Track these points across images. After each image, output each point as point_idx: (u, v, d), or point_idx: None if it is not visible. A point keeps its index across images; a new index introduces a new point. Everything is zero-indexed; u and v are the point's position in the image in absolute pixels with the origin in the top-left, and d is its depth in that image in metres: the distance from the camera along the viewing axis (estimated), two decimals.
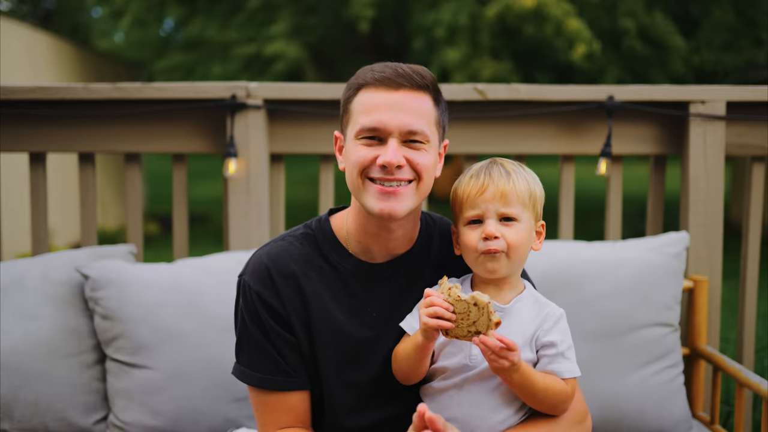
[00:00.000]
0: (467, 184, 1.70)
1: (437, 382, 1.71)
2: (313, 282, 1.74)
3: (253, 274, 1.74)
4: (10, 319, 2.33)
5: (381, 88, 1.63)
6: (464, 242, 1.70)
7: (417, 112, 1.64)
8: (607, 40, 9.60)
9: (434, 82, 1.69)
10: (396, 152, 1.61)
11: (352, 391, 1.76)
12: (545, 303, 1.73)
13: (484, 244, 1.65)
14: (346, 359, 1.75)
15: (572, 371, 1.67)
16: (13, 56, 8.22)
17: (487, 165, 1.72)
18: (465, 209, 1.69)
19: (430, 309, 1.55)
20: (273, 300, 1.72)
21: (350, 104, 1.68)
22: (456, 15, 9.18)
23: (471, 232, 1.68)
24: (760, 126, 2.73)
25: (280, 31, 10.21)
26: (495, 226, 1.66)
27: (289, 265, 1.74)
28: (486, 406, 1.67)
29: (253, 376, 1.73)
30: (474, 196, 1.67)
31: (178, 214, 2.83)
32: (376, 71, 1.65)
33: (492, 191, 1.66)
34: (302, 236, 1.79)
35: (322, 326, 1.73)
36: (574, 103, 2.74)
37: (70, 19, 18.05)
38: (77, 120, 2.74)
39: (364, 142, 1.64)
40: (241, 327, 1.75)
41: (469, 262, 1.72)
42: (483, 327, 1.53)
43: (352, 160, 1.66)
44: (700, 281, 2.60)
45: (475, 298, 1.52)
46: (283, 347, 1.72)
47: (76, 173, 5.33)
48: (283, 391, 1.73)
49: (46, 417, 2.30)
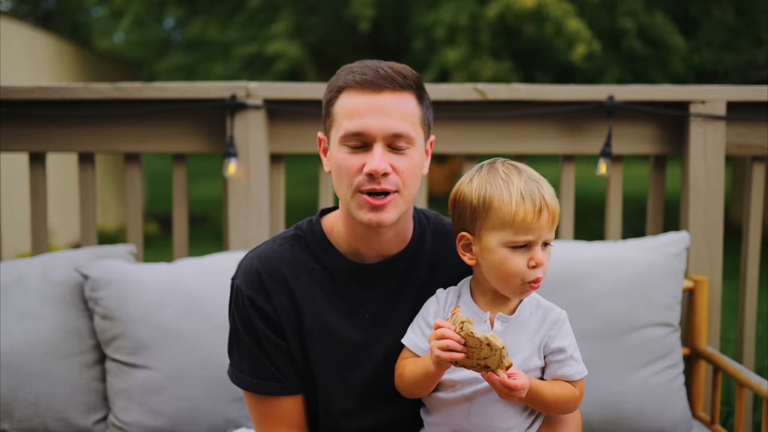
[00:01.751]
0: (520, 206, 1.58)
1: (445, 393, 1.68)
2: (304, 284, 1.73)
3: (244, 278, 1.73)
4: (10, 319, 2.33)
5: (363, 91, 1.60)
6: (507, 266, 1.60)
7: (401, 115, 1.61)
8: (607, 40, 9.60)
9: (417, 79, 1.66)
10: (381, 159, 1.58)
11: (348, 394, 1.75)
12: (548, 307, 1.71)
13: (532, 272, 1.59)
14: (340, 361, 1.74)
15: (581, 372, 1.67)
16: (13, 56, 8.22)
17: (534, 183, 1.62)
18: (517, 233, 1.59)
19: (441, 342, 1.50)
20: (264, 304, 1.71)
21: (332, 107, 1.65)
22: (456, 15, 9.18)
23: (515, 256, 1.60)
24: (760, 126, 2.73)
25: (281, 30, 10.21)
26: (542, 252, 1.61)
27: (280, 268, 1.72)
28: (497, 416, 1.65)
29: (243, 380, 1.73)
30: (531, 222, 1.58)
31: (178, 214, 2.83)
32: (357, 73, 1.62)
33: (546, 216, 1.59)
34: (293, 238, 1.77)
35: (314, 329, 1.72)
36: (574, 103, 2.74)
37: (70, 19, 18.04)
38: (77, 120, 2.74)
39: (348, 150, 1.62)
40: (233, 330, 1.75)
41: (500, 284, 1.64)
42: (493, 365, 1.49)
43: (338, 168, 1.63)
44: (700, 281, 2.60)
45: (488, 339, 1.47)
46: (273, 352, 1.71)
47: (76, 173, 5.32)
48: (274, 396, 1.73)
49: (46, 417, 2.30)
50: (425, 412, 1.76)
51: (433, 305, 1.72)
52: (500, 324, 1.66)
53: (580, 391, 1.68)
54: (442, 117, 2.69)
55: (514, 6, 8.61)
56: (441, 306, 1.72)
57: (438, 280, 1.78)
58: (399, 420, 1.79)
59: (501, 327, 1.65)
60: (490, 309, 1.67)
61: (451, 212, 1.73)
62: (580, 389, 1.68)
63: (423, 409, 1.77)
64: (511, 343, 1.60)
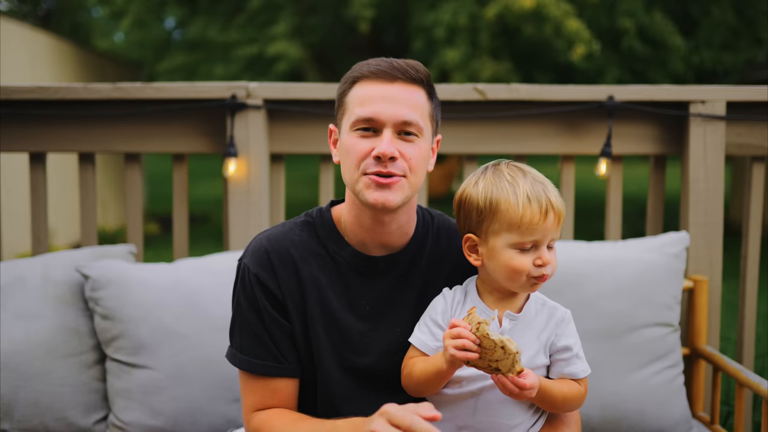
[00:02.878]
0: (527, 208, 1.59)
1: (450, 389, 1.68)
2: (311, 268, 1.75)
3: (252, 257, 1.75)
4: (10, 319, 2.33)
5: (376, 81, 1.66)
6: (512, 265, 1.61)
7: (411, 104, 1.66)
8: (607, 40, 9.61)
9: (428, 76, 1.71)
10: (390, 144, 1.63)
11: (347, 379, 1.76)
12: (553, 306, 1.72)
13: (537, 270, 1.61)
14: (340, 346, 1.75)
15: (586, 370, 1.69)
16: (13, 56, 8.22)
17: (540, 186, 1.63)
18: (524, 234, 1.60)
19: (457, 341, 1.51)
20: (270, 283, 1.73)
21: (345, 97, 1.70)
22: (456, 15, 9.19)
23: (520, 256, 1.62)
24: (760, 126, 2.73)
25: (282, 31, 10.22)
26: (548, 252, 1.63)
27: (289, 249, 1.75)
28: (502, 413, 1.66)
29: (243, 360, 1.74)
30: (537, 223, 1.60)
31: (178, 214, 2.83)
32: (372, 64, 1.68)
33: (552, 218, 1.61)
34: (303, 224, 1.81)
35: (318, 312, 1.74)
36: (574, 103, 2.74)
37: (70, 19, 18.04)
38: (77, 120, 2.74)
39: (360, 133, 1.66)
40: (236, 310, 1.76)
41: (507, 282, 1.65)
42: (504, 368, 1.50)
43: (347, 152, 1.67)
44: (700, 281, 2.60)
45: (504, 342, 1.47)
46: (276, 332, 1.73)
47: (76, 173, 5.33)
48: (272, 377, 1.74)
49: (46, 417, 2.30)
50: None
51: (441, 304, 1.73)
52: (508, 322, 1.66)
53: (585, 388, 1.70)
54: (442, 117, 2.69)
55: (513, 6, 8.61)
56: (449, 304, 1.72)
57: (441, 277, 1.80)
58: None
59: (509, 325, 1.66)
60: (497, 307, 1.68)
61: (456, 214, 1.74)
62: (585, 387, 1.70)
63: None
64: (519, 342, 1.61)
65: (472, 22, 9.28)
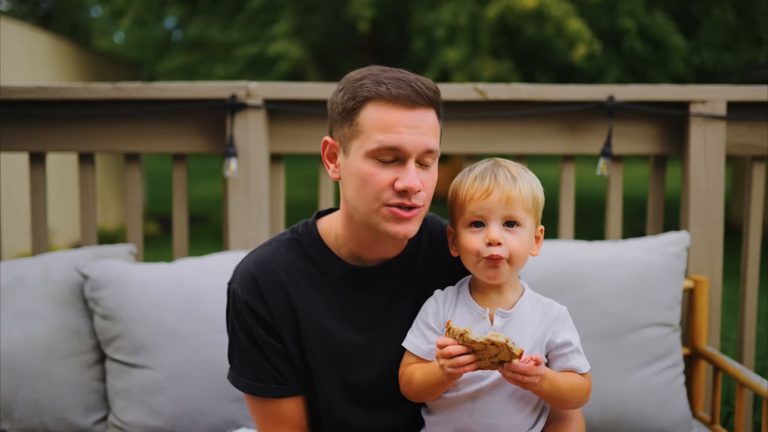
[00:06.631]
0: (471, 186, 1.65)
1: (448, 392, 1.68)
2: (301, 288, 1.72)
3: (240, 283, 1.73)
4: (10, 319, 2.33)
5: (397, 105, 1.57)
6: (465, 245, 1.65)
7: (430, 130, 1.61)
8: (608, 40, 9.61)
9: (438, 93, 1.65)
10: (416, 177, 1.58)
11: (349, 396, 1.75)
12: (548, 303, 1.72)
13: (487, 249, 1.62)
14: (339, 364, 1.74)
15: (587, 365, 1.69)
16: (13, 56, 8.22)
17: (491, 167, 1.68)
18: (467, 211, 1.65)
19: (452, 360, 1.52)
20: (260, 309, 1.71)
21: (356, 117, 1.59)
22: (456, 15, 9.18)
23: (472, 235, 1.64)
24: (761, 126, 2.73)
25: (282, 31, 10.22)
26: (499, 231, 1.62)
27: (276, 272, 1.72)
28: (500, 414, 1.66)
29: (244, 383, 1.74)
30: (478, 199, 1.63)
31: (178, 214, 2.83)
32: (389, 85, 1.57)
33: (497, 195, 1.62)
34: (288, 242, 1.77)
35: (312, 333, 1.72)
36: (574, 103, 2.74)
37: (69, 19, 18.04)
38: (77, 120, 2.74)
39: (378, 163, 1.59)
40: (232, 334, 1.75)
41: (469, 266, 1.68)
42: (506, 358, 1.51)
43: (363, 180, 1.60)
44: (700, 281, 2.60)
45: (490, 339, 1.49)
46: (272, 355, 1.71)
47: (76, 173, 5.32)
48: (276, 398, 1.73)
49: (46, 417, 2.30)
50: (426, 411, 1.77)
51: (432, 306, 1.73)
52: (500, 319, 1.67)
53: (590, 382, 1.70)
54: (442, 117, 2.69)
55: (514, 6, 8.61)
56: (440, 306, 1.72)
57: (436, 281, 1.78)
58: (400, 420, 1.79)
59: (501, 322, 1.66)
60: (489, 305, 1.68)
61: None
62: (589, 381, 1.69)
63: (424, 409, 1.77)
64: (511, 336, 1.60)
65: (473, 21, 9.28)
